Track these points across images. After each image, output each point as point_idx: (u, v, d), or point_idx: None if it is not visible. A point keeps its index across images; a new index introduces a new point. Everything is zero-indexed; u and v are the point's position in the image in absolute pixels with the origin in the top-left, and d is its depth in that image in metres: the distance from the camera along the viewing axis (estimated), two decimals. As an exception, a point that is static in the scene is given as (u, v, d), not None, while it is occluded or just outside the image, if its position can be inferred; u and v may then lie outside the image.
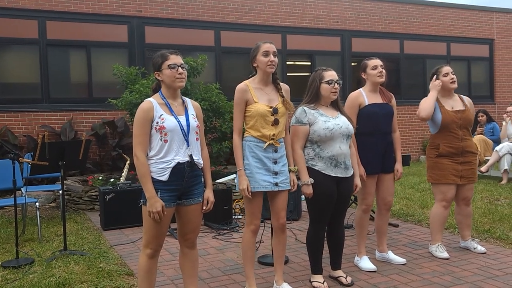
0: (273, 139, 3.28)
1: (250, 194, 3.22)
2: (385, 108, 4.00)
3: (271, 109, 3.28)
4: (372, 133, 3.94)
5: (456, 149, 4.15)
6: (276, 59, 3.31)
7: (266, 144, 3.27)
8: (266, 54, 3.28)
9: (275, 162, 3.31)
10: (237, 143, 3.30)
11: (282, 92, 3.39)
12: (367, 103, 3.96)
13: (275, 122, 3.29)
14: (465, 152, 4.19)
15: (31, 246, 4.89)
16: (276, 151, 3.32)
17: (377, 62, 4.01)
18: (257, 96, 3.31)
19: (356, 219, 4.14)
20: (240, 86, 3.33)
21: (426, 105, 4.12)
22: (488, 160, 8.34)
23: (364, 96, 3.99)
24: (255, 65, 3.35)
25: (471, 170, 4.24)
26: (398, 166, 4.10)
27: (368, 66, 4.01)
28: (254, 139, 3.29)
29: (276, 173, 3.31)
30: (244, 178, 3.24)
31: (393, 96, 4.17)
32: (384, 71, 3.99)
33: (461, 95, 4.38)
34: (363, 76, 4.07)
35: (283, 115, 3.35)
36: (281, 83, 3.42)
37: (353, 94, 4.04)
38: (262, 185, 3.26)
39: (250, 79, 3.40)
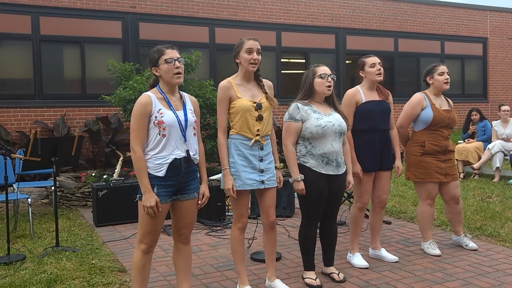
0: (258, 134, 3.27)
1: (235, 193, 3.22)
2: (382, 105, 3.97)
3: (255, 104, 3.27)
4: (370, 131, 3.91)
5: (441, 148, 4.17)
6: (259, 57, 3.27)
7: (252, 141, 3.25)
8: (250, 51, 3.25)
9: (261, 160, 3.30)
10: (222, 141, 3.28)
11: (265, 89, 3.37)
12: (364, 101, 3.93)
13: (259, 118, 3.27)
14: (447, 150, 4.23)
15: (23, 242, 4.86)
16: (262, 148, 3.30)
17: (375, 59, 3.95)
18: (240, 92, 3.29)
19: (351, 216, 4.14)
20: (222, 83, 3.30)
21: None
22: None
23: (361, 93, 3.96)
24: (237, 61, 3.33)
25: (454, 167, 4.29)
26: (398, 163, 4.10)
27: (366, 64, 3.95)
28: (239, 136, 3.27)
29: (262, 171, 3.29)
30: (229, 178, 3.22)
31: (390, 94, 4.16)
32: (382, 69, 3.94)
33: (445, 96, 4.37)
34: (361, 74, 4.00)
35: (267, 110, 3.33)
36: (263, 80, 3.40)
37: (350, 91, 3.98)
38: (247, 184, 3.25)
39: (232, 76, 3.38)
